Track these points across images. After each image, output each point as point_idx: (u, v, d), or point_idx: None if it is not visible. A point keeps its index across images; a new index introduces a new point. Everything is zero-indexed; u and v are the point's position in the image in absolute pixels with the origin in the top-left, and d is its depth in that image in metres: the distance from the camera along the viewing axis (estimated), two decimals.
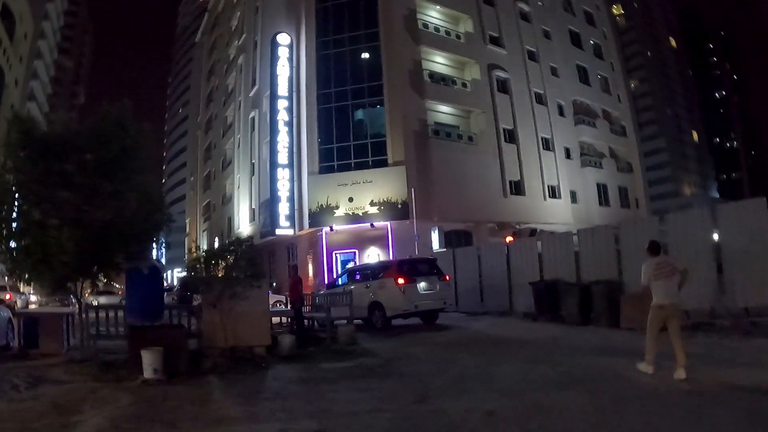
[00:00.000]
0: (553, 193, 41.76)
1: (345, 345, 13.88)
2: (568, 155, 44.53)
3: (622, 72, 57.71)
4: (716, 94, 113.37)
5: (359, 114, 37.10)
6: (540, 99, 43.30)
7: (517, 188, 39.10)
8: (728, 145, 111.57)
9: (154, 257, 23.41)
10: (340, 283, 19.27)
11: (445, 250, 26.41)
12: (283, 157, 37.02)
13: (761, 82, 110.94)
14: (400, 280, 16.26)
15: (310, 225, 35.34)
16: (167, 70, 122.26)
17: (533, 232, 25.09)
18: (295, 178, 36.85)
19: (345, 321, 15.62)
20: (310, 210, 35.31)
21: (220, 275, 12.26)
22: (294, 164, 37.08)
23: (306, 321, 17.03)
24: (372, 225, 33.58)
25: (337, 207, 34.47)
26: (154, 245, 17.33)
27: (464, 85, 38.83)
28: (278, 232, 36.40)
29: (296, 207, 36.51)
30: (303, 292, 17.19)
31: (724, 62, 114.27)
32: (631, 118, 55.02)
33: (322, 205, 34.82)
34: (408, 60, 36.38)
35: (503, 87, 40.78)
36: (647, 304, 8.60)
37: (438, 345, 13.19)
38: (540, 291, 16.18)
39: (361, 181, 34.38)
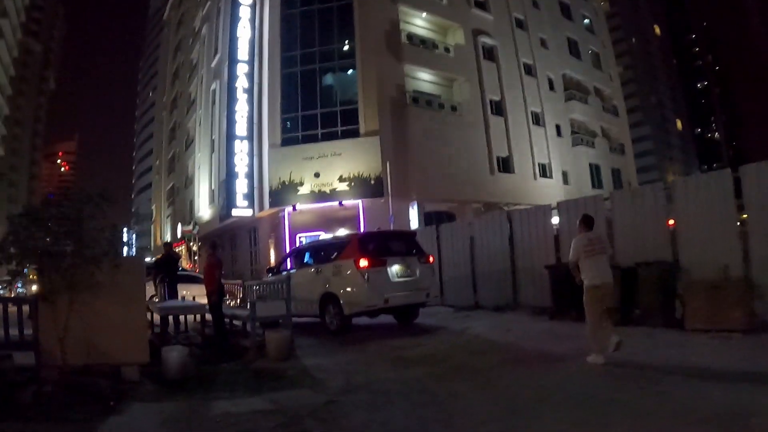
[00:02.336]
0: (544, 171, 37.09)
1: (275, 361, 9.06)
2: (558, 133, 39.83)
3: (613, 50, 53.19)
4: (698, 85, 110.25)
5: (328, 79, 31.93)
6: (529, 70, 38.56)
7: (506, 165, 34.30)
8: (710, 135, 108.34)
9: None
10: (288, 267, 14.19)
11: (425, 228, 21.04)
12: (241, 128, 31.78)
13: (742, 73, 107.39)
14: (363, 262, 11.16)
15: (271, 204, 30.20)
16: (139, 54, 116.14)
17: None
18: (255, 153, 31.66)
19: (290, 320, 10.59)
20: (270, 187, 30.17)
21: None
22: (254, 137, 31.86)
23: (228, 321, 12.02)
24: (341, 203, 28.48)
25: (302, 183, 29.36)
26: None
27: (447, 49, 33.81)
28: (235, 213, 31.19)
29: (256, 184, 31.28)
30: (222, 280, 12.05)
31: (707, 53, 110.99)
32: (622, 97, 50.58)
33: (284, 181, 29.70)
34: (384, 20, 31.29)
35: (489, 54, 35.93)
36: (730, 297, 7.96)
37: (419, 364, 8.34)
38: (560, 278, 11.22)
39: (329, 154, 29.27)
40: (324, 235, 26.62)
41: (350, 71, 31.23)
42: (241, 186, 31.13)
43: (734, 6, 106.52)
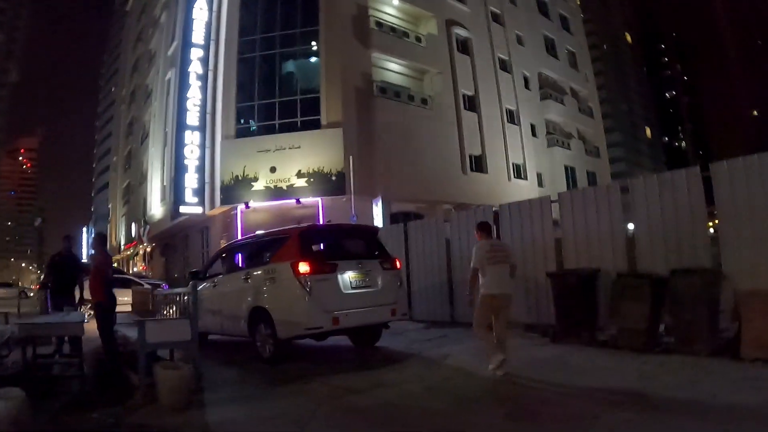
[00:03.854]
0: (519, 172, 34.59)
1: (169, 410, 6.15)
2: (534, 133, 37.43)
3: (589, 52, 51.11)
4: (667, 94, 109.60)
5: (289, 66, 28.94)
6: (504, 66, 36.08)
7: (478, 164, 31.64)
8: (677, 144, 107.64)
9: None
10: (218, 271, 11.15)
11: (391, 226, 17.85)
12: (193, 118, 28.53)
13: (710, 84, 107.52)
14: (304, 267, 8.08)
15: (222, 201, 27.05)
16: (104, 48, 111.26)
17: None
18: (208, 145, 28.47)
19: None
20: (222, 183, 27.04)
21: None
22: (207, 127, 28.67)
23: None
24: (298, 201, 25.39)
25: (256, 179, 26.27)
26: None
27: (418, 39, 30.99)
28: (183, 210, 27.89)
29: (207, 180, 28.07)
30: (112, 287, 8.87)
31: (676, 63, 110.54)
32: (598, 100, 48.47)
33: (237, 176, 26.61)
34: (351, 4, 28.37)
35: (464, 47, 33.32)
36: None
37: (382, 424, 5.44)
38: (568, 290, 8.45)
39: (286, 147, 26.21)
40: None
41: (313, 59, 28.30)
42: (190, 181, 27.91)
43: (703, 17, 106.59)
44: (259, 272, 8.99)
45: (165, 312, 9.65)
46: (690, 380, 5.85)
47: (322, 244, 9.18)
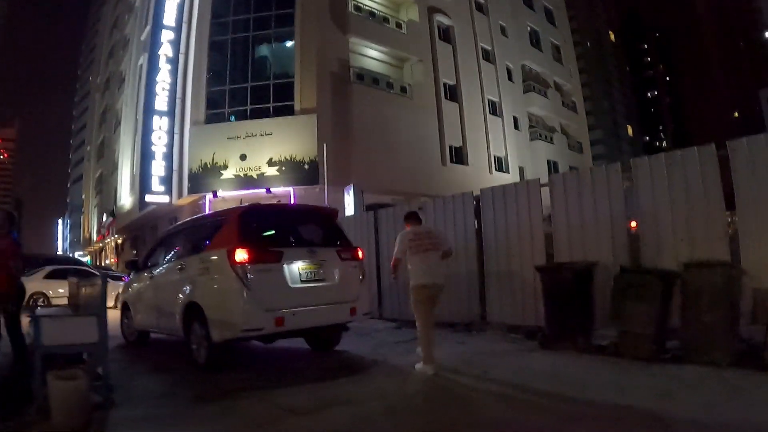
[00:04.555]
0: (500, 165, 33.35)
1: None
2: (516, 126, 36.20)
3: (573, 46, 50.06)
4: (648, 94, 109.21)
5: (262, 50, 27.44)
6: (487, 56, 34.84)
7: (459, 156, 30.34)
8: (658, 144, 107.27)
9: None
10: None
11: (361, 214, 16.23)
12: (161, 102, 27.00)
13: (692, 85, 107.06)
14: (241, 254, 6.57)
15: (190, 190, 25.50)
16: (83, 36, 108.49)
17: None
18: (177, 131, 26.90)
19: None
20: (190, 171, 25.51)
21: None
22: (176, 112, 27.10)
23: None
24: (268, 191, 23.92)
25: (226, 167, 24.77)
26: None
27: (399, 25, 29.61)
28: (149, 199, 26.34)
29: (175, 167, 26.50)
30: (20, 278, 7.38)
31: (659, 63, 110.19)
32: (581, 95, 47.44)
33: (206, 164, 25.09)
34: None
35: (445, 35, 31.98)
36: None
37: None
38: (561, 286, 7.10)
39: (257, 133, 24.73)
40: None
41: (288, 43, 26.79)
42: (157, 168, 26.37)
43: (685, 19, 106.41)
44: (195, 261, 7.50)
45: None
46: (716, 398, 4.56)
47: (267, 228, 7.54)
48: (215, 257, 6.98)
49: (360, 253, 7.91)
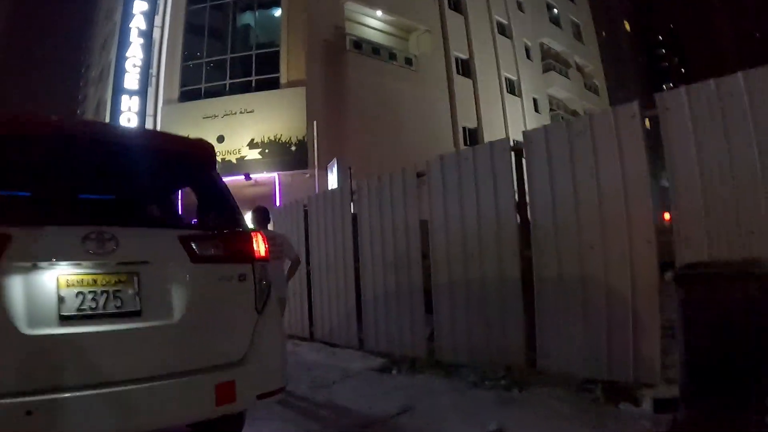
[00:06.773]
0: None
1: None
2: (536, 108, 31.90)
3: (594, 26, 45.80)
4: (663, 86, 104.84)
5: (245, 18, 23.43)
6: (503, 30, 30.53)
7: (473, 138, 26.05)
8: None
9: None
10: None
11: (288, 204, 11.62)
12: (131, 80, 22.94)
13: (707, 76, 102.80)
14: None
15: None
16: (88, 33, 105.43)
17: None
18: (149, 112, 23.01)
19: None
20: None
21: None
22: (148, 92, 23.20)
23: None
24: (248, 177, 19.82)
25: None
26: None
27: None
28: None
29: None
30: None
31: (673, 56, 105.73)
32: (603, 77, 43.16)
33: None
34: None
35: (456, 5, 27.74)
36: None
37: None
38: (726, 312, 2.93)
39: (237, 111, 20.68)
40: None
41: (277, 12, 22.77)
42: None
43: (701, 11, 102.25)
44: None
45: None
46: None
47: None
48: None
49: (257, 246, 3.27)
